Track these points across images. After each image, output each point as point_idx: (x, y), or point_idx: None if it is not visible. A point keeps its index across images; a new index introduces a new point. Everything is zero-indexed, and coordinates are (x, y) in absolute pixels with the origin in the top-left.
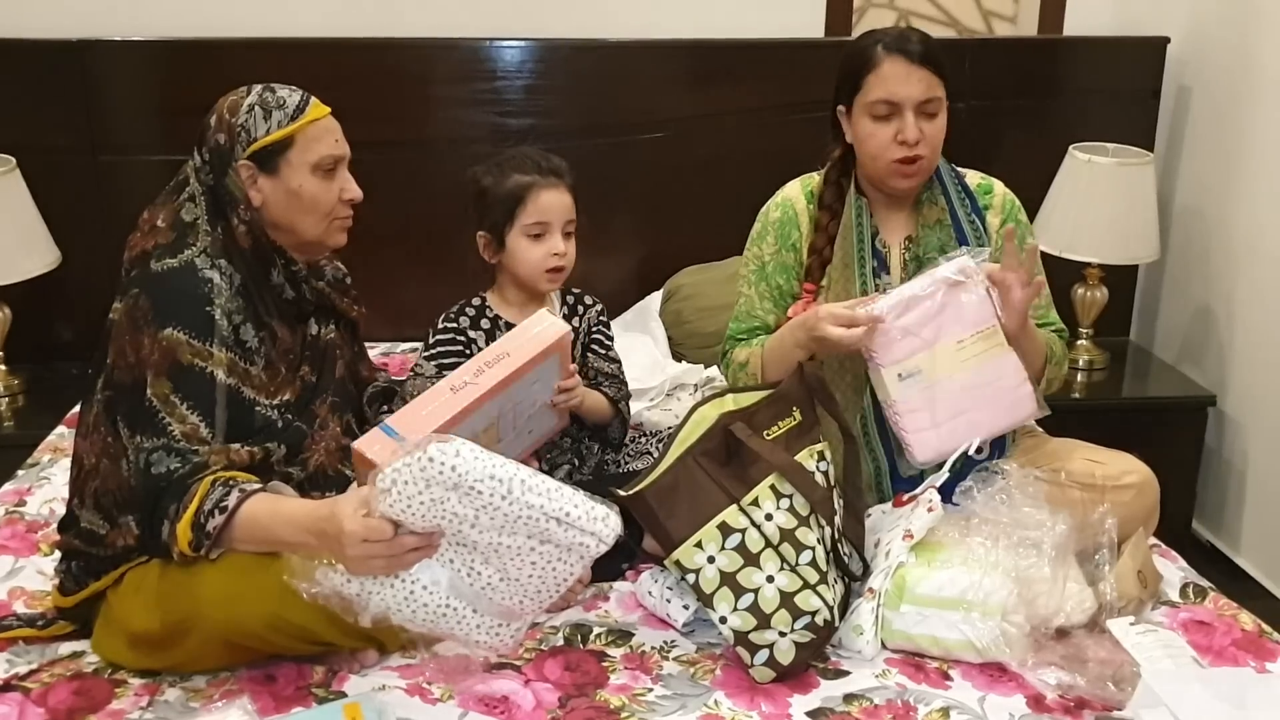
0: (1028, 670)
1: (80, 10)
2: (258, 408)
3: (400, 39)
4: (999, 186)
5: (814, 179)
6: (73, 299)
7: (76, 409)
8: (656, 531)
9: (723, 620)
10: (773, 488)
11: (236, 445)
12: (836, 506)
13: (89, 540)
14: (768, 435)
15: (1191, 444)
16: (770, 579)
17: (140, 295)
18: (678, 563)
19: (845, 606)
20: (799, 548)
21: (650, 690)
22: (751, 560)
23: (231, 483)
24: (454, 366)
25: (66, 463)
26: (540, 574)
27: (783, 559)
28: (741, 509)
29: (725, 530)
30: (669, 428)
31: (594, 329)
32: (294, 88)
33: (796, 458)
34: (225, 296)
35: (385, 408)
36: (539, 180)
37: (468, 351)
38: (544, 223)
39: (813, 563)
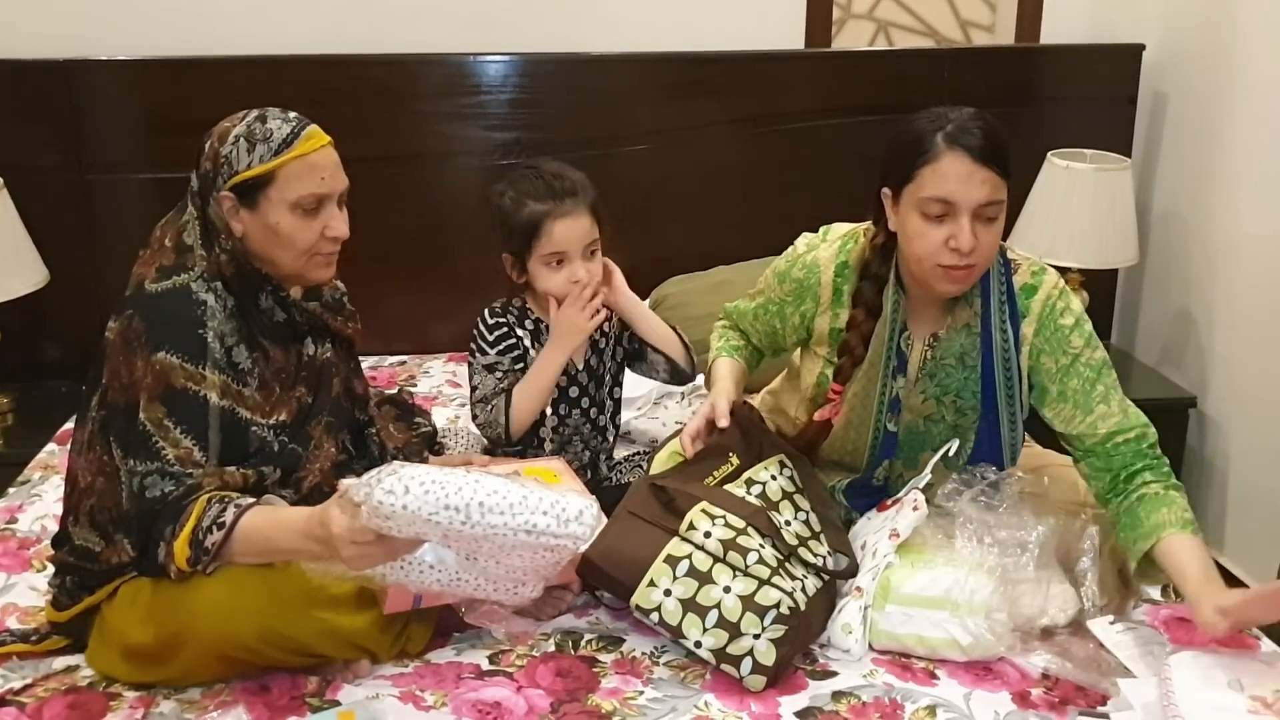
0: (1015, 654)
1: (67, 30)
2: (253, 428)
3: (385, 55)
4: (1046, 284)
5: (853, 245)
6: (61, 317)
7: (67, 426)
8: (613, 587)
9: (698, 645)
10: (703, 511)
11: (231, 468)
12: (782, 521)
13: (83, 556)
14: (706, 484)
15: (1173, 446)
16: (727, 589)
17: (134, 317)
18: (638, 606)
19: (831, 601)
20: (744, 551)
21: (641, 694)
22: (705, 579)
23: (227, 499)
24: (516, 361)
25: (57, 480)
26: (532, 563)
27: (732, 567)
28: (681, 537)
29: (672, 562)
30: (652, 441)
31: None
32: (290, 117)
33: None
34: (219, 319)
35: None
36: (554, 209)
37: (522, 345)
38: (561, 253)
39: (761, 560)
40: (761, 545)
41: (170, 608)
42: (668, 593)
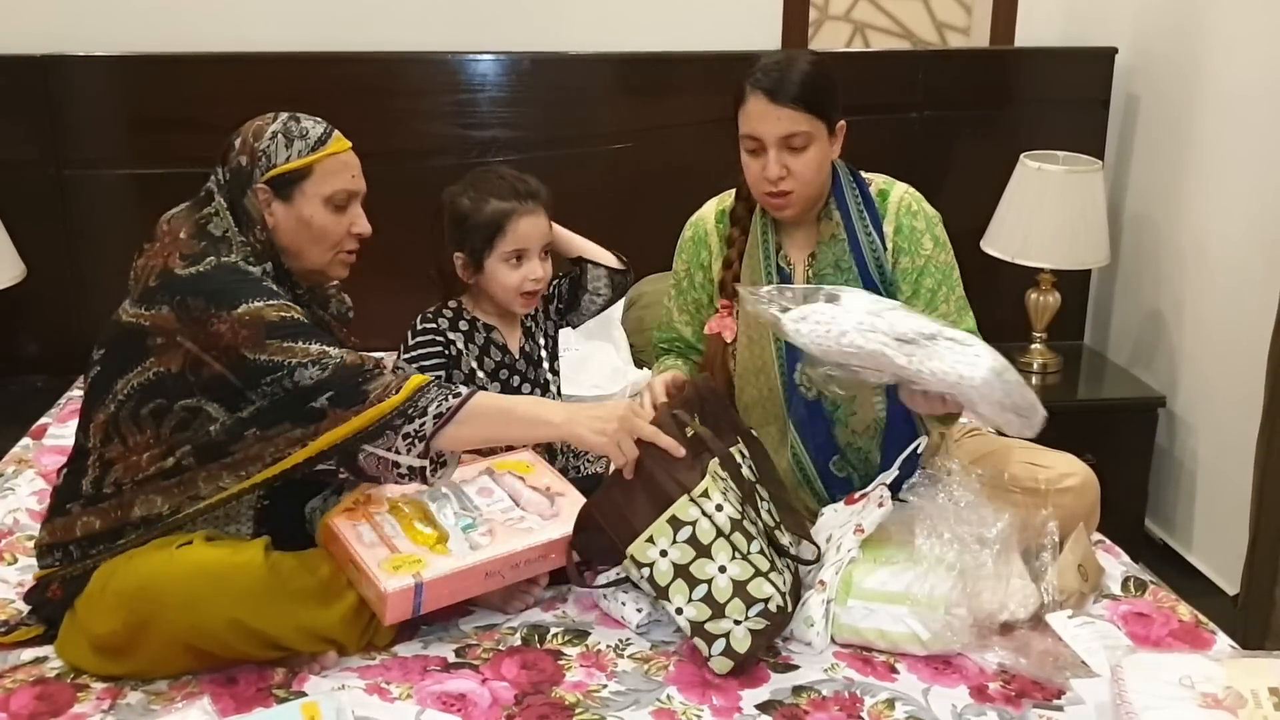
0: (972, 650)
1: (44, 26)
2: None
3: (365, 53)
4: (896, 191)
5: (729, 196)
6: (37, 313)
7: (42, 420)
8: (618, 524)
9: (679, 611)
10: (715, 477)
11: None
12: (758, 502)
13: (85, 519)
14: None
15: (1143, 444)
16: (722, 569)
17: (185, 298)
18: (632, 557)
19: (798, 594)
20: (749, 537)
21: (605, 686)
22: (703, 551)
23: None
24: (436, 369)
25: (31, 474)
26: None
27: (734, 548)
28: (693, 500)
29: (675, 524)
30: None
31: (551, 299)
32: (319, 120)
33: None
34: (274, 285)
35: None
36: (518, 207)
37: (447, 353)
38: (523, 250)
39: (762, 551)
40: (759, 534)
41: (139, 597)
42: (664, 553)
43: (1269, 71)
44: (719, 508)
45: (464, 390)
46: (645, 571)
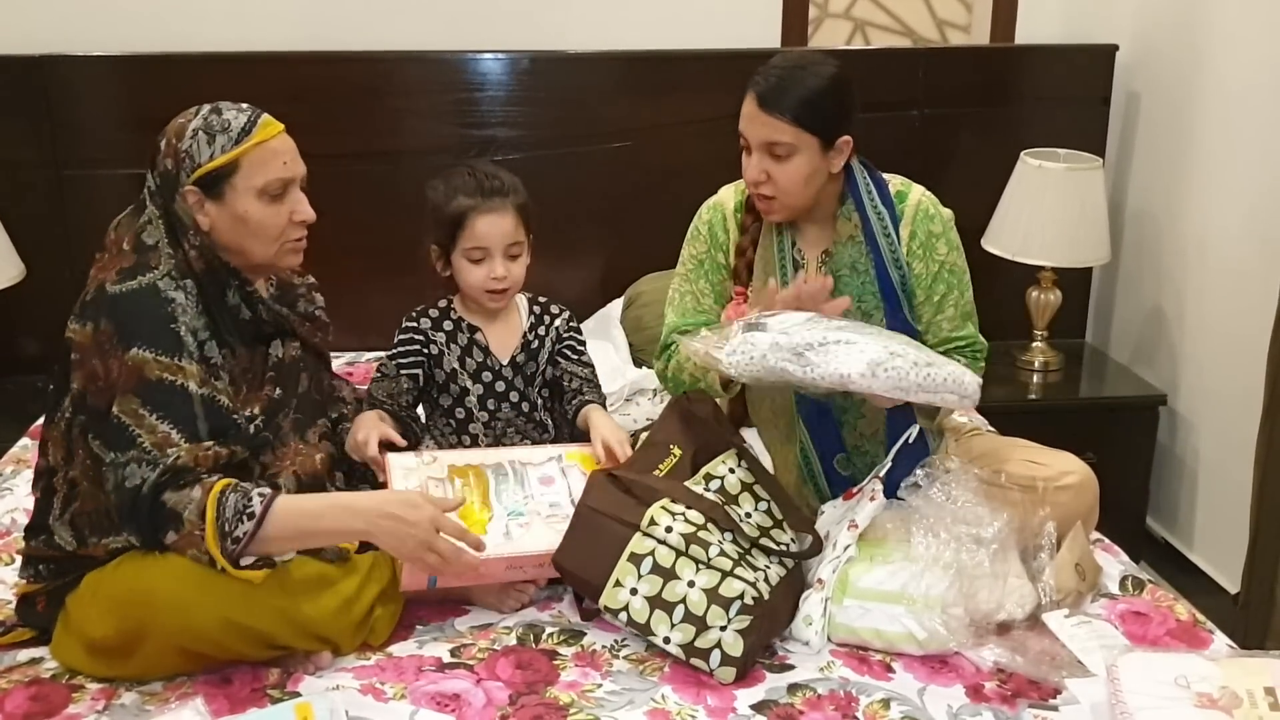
0: (968, 649)
1: (43, 26)
2: (234, 415)
3: (363, 52)
4: (914, 194)
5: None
6: (36, 313)
7: (41, 421)
8: (583, 587)
9: (666, 641)
10: (664, 507)
11: (207, 444)
12: (742, 514)
13: (55, 549)
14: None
15: (1144, 442)
16: (691, 583)
17: (102, 320)
18: (607, 607)
19: (797, 590)
20: (705, 545)
21: (599, 686)
22: (669, 575)
23: (242, 488)
24: (414, 366)
25: (29, 474)
26: None
27: (695, 560)
28: (644, 533)
29: (636, 560)
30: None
31: (564, 336)
32: (243, 107)
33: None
34: (190, 315)
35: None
36: (479, 204)
37: (426, 351)
38: (482, 248)
39: (723, 553)
40: (721, 540)
41: (130, 602)
42: (634, 591)
43: (1270, 68)
44: (669, 530)
45: (266, 492)
46: (623, 615)
